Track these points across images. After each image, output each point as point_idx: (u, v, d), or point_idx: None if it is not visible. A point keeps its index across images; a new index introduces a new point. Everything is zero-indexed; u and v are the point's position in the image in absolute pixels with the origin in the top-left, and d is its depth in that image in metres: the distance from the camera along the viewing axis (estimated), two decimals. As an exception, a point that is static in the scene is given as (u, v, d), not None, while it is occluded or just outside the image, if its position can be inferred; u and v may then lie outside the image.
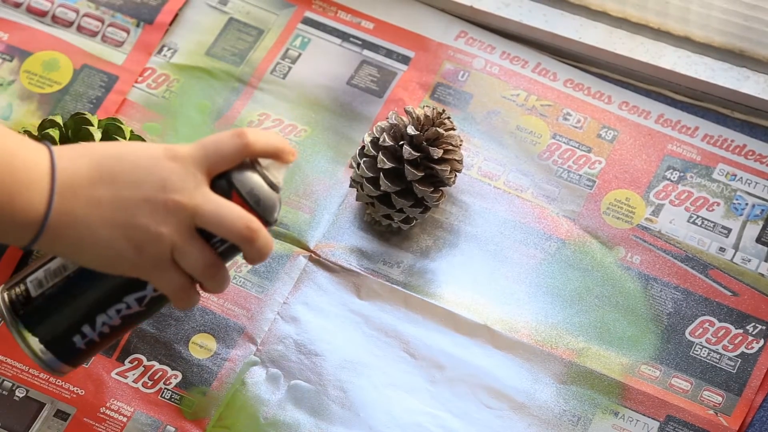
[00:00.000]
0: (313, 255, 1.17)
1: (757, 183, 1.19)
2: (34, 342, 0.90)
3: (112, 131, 1.13)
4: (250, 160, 0.89)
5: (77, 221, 0.84)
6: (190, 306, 0.90)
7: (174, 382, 1.11)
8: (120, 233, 0.85)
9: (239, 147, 0.87)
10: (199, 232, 0.87)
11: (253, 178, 0.88)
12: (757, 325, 1.13)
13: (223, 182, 0.88)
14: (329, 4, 1.29)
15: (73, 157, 0.86)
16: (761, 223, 1.17)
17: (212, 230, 0.86)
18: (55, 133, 1.11)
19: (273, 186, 0.89)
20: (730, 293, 1.14)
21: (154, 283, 0.88)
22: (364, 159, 1.15)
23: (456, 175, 1.16)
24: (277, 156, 0.89)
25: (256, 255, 0.88)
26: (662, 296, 1.14)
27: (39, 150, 0.85)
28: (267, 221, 0.89)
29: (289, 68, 1.26)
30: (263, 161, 0.90)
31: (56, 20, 1.28)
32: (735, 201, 1.18)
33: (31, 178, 0.84)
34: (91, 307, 0.90)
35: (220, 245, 0.88)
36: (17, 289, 0.90)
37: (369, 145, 1.15)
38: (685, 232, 1.17)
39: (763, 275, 1.15)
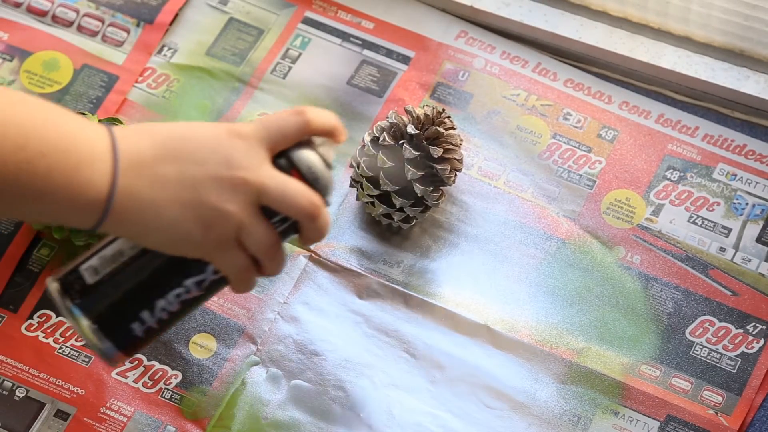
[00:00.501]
0: (313, 255, 1.17)
1: (757, 183, 1.19)
2: (92, 330, 0.88)
3: (112, 131, 1.13)
4: (306, 138, 0.90)
5: (143, 201, 0.83)
6: (249, 288, 0.89)
7: (174, 381, 1.11)
8: (188, 212, 0.84)
9: (300, 125, 0.88)
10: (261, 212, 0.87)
11: (311, 156, 0.89)
12: (757, 324, 1.13)
13: (282, 160, 0.88)
14: (329, 3, 1.29)
15: (135, 137, 0.85)
16: (761, 222, 1.17)
17: (277, 207, 0.86)
18: (55, 132, 1.11)
19: (328, 165, 0.90)
20: (730, 293, 1.14)
21: (217, 264, 0.87)
22: (365, 158, 1.15)
23: (456, 175, 1.16)
24: (332, 135, 0.90)
25: (315, 233, 0.88)
26: (662, 296, 1.14)
27: (99, 130, 0.85)
28: (324, 200, 0.90)
29: (290, 68, 1.26)
30: (316, 140, 0.90)
31: (56, 20, 1.28)
32: (735, 201, 1.18)
33: (94, 158, 0.83)
34: (150, 292, 0.88)
35: (279, 225, 0.88)
36: (71, 278, 0.88)
37: (369, 144, 1.15)
38: (685, 232, 1.17)
39: (763, 275, 1.15)
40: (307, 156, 0.88)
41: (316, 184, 0.88)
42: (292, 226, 0.88)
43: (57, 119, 0.83)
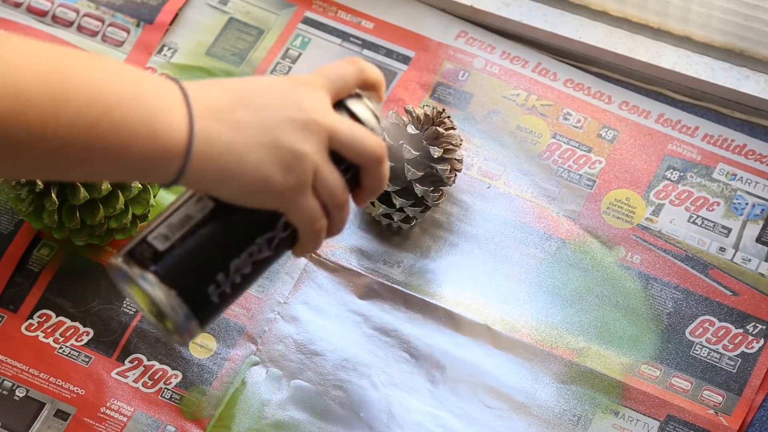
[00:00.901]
0: (313, 255, 1.17)
1: (757, 182, 1.19)
2: (169, 296, 0.86)
3: (112, 131, 1.13)
4: (355, 92, 0.92)
5: (223, 144, 0.84)
6: (317, 246, 0.90)
7: (174, 381, 1.11)
8: (268, 154, 0.84)
9: (358, 73, 0.90)
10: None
11: (366, 106, 0.91)
12: (757, 324, 1.13)
13: (341, 109, 0.90)
14: (329, 3, 1.29)
15: (204, 87, 0.86)
16: (761, 222, 1.17)
17: (347, 150, 0.88)
18: (55, 132, 1.11)
19: (377, 117, 0.92)
20: (730, 293, 1.14)
21: (293, 214, 0.87)
22: (365, 159, 1.15)
23: (456, 175, 1.16)
24: (377, 88, 0.92)
25: (378, 182, 0.90)
26: (662, 296, 1.14)
27: (169, 83, 0.85)
28: None
29: (290, 68, 1.26)
30: (363, 94, 0.92)
31: (56, 20, 1.28)
32: (735, 201, 1.18)
33: (169, 107, 0.83)
34: (225, 252, 0.88)
35: (344, 174, 0.89)
36: (140, 249, 0.87)
37: (369, 144, 1.15)
38: (685, 232, 1.17)
39: (763, 275, 1.15)
40: (362, 106, 0.91)
41: (373, 132, 0.91)
42: (354, 176, 0.90)
43: (128, 75, 0.84)
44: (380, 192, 0.91)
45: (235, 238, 0.88)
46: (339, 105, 0.90)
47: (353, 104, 0.91)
